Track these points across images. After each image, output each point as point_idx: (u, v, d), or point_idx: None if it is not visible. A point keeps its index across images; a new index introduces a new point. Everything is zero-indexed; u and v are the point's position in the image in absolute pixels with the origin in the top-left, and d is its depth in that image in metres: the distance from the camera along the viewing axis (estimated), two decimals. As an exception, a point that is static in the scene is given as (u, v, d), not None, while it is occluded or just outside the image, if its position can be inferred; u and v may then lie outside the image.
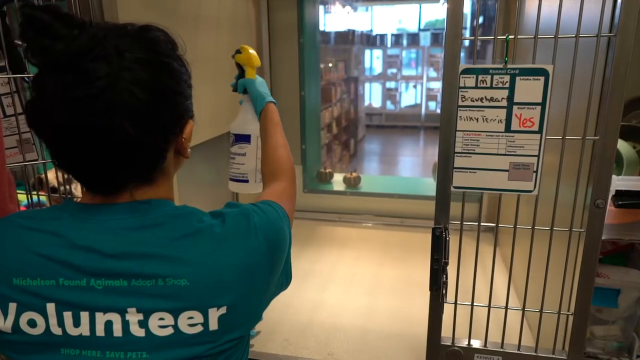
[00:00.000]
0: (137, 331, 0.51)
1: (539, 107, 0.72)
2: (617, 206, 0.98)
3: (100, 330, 0.51)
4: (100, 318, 0.51)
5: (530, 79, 0.71)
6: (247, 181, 1.01)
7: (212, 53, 1.44)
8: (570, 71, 0.72)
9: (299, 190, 1.96)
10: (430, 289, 0.84)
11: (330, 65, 5.58)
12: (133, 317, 0.51)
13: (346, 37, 6.88)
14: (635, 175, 1.10)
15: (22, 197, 0.96)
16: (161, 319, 0.51)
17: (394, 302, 1.30)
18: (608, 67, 0.69)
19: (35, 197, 1.02)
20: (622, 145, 1.04)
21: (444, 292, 0.82)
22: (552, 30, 0.71)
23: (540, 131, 0.73)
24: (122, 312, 0.51)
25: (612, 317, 1.15)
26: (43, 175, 1.02)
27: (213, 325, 0.52)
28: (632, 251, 1.21)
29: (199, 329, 0.52)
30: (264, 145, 0.84)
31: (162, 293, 0.51)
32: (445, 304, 0.85)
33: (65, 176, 0.97)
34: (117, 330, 0.51)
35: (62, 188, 1.06)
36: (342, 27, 6.86)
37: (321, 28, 3.78)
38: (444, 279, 0.81)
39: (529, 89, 0.71)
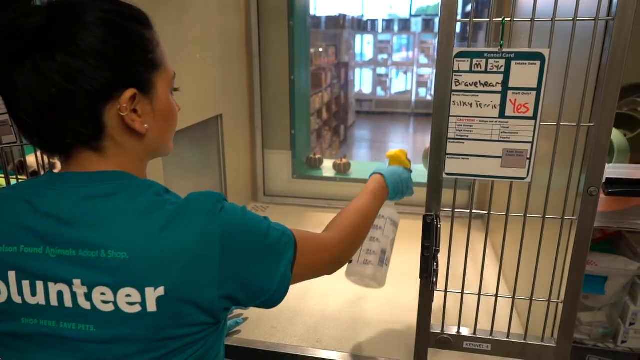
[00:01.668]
0: (84, 304, 0.52)
1: (534, 93, 0.70)
2: (608, 194, 0.98)
3: (53, 300, 0.52)
4: (53, 288, 0.52)
5: (525, 64, 0.69)
6: (369, 263, 0.96)
7: (200, 34, 1.40)
8: (565, 57, 0.70)
9: (288, 176, 1.94)
10: (421, 277, 0.84)
11: (320, 50, 5.53)
12: (79, 289, 0.52)
13: (337, 22, 6.81)
14: (626, 163, 1.10)
15: (2, 182, 0.93)
16: (102, 293, 0.51)
17: (384, 290, 1.29)
18: (605, 52, 0.68)
19: (14, 182, 0.99)
20: (614, 133, 1.04)
21: (434, 280, 0.81)
22: (546, 14, 0.69)
23: (534, 117, 0.71)
24: (69, 283, 0.51)
25: (599, 303, 1.16)
26: (23, 159, 0.99)
27: (151, 306, 0.51)
28: (620, 239, 1.22)
29: (137, 308, 0.51)
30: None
31: (103, 266, 0.51)
32: (435, 292, 0.85)
33: (47, 160, 0.94)
34: (68, 301, 0.52)
35: (42, 172, 1.03)
36: (332, 12, 6.78)
37: (312, 12, 3.72)
38: (435, 267, 0.80)
39: (524, 74, 0.70)
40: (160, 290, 0.51)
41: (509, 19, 0.69)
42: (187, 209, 0.55)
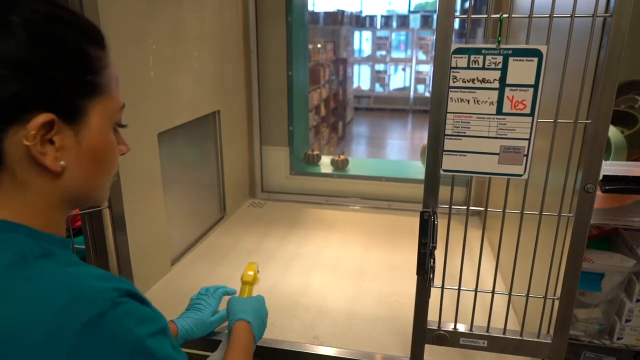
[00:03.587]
0: None
1: (531, 90, 0.70)
2: (604, 191, 0.98)
3: None
4: None
5: (523, 60, 0.69)
6: None
7: (197, 32, 1.40)
8: (562, 54, 0.70)
9: (286, 172, 1.94)
10: (418, 273, 0.84)
11: (319, 46, 5.52)
12: None
13: (335, 18, 6.79)
14: (623, 160, 1.10)
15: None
16: None
17: (381, 286, 1.30)
18: (603, 49, 0.68)
19: None
20: (611, 130, 1.04)
21: (431, 276, 0.82)
22: (543, 11, 0.69)
23: (532, 114, 0.71)
24: None
25: (595, 300, 1.17)
26: None
27: None
28: (616, 235, 1.22)
29: None
30: None
31: None
32: (431, 288, 0.85)
33: None
34: None
35: None
36: (331, 7, 6.76)
37: (310, 8, 3.71)
38: (432, 264, 0.81)
39: (521, 71, 0.70)
40: None
41: (506, 16, 0.69)
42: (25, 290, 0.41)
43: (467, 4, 0.74)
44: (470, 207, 0.81)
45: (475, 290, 0.85)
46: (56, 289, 0.42)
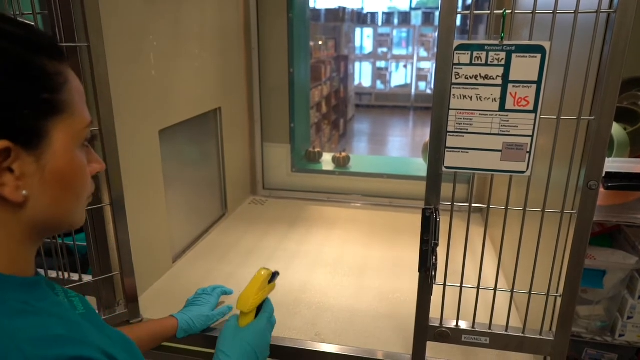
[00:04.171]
0: None
1: (534, 86, 0.70)
2: (607, 188, 0.98)
3: None
4: None
5: (526, 57, 0.69)
6: None
7: (198, 28, 1.39)
8: (566, 50, 0.70)
9: (288, 169, 1.93)
10: (420, 271, 0.83)
11: (320, 43, 5.50)
12: None
13: (337, 15, 6.77)
14: (626, 157, 1.09)
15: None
16: None
17: (382, 283, 1.30)
18: (606, 45, 0.67)
19: None
20: (614, 127, 1.04)
21: (433, 273, 0.81)
22: (547, 7, 0.68)
23: (535, 111, 0.71)
24: None
25: (597, 297, 1.17)
26: None
27: None
28: (619, 232, 1.22)
29: None
30: None
31: None
32: (433, 285, 0.85)
33: None
34: None
35: None
36: (332, 4, 6.74)
37: (311, 5, 3.70)
38: (434, 261, 0.80)
39: (524, 67, 0.69)
40: None
41: (510, 11, 0.68)
42: None
43: (469, 0, 0.73)
44: (473, 204, 0.80)
45: (478, 288, 0.85)
46: None
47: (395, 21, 8.32)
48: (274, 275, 0.90)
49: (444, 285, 0.86)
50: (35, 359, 0.37)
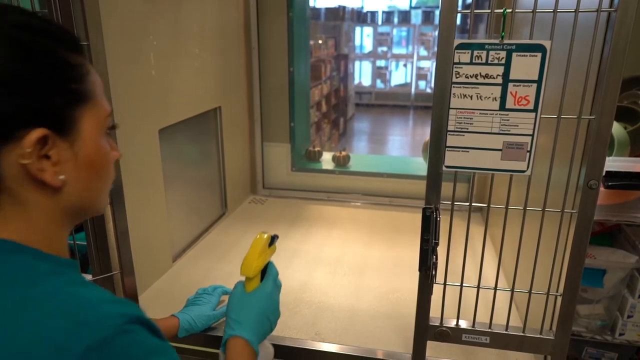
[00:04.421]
0: None
1: (534, 85, 0.70)
2: (607, 187, 0.98)
3: None
4: None
5: (526, 55, 0.68)
6: None
7: (197, 27, 1.39)
8: (566, 49, 0.69)
9: (288, 168, 1.93)
10: (420, 270, 0.83)
11: (320, 42, 5.50)
12: None
13: (336, 14, 6.76)
14: (626, 156, 1.09)
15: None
16: None
17: (383, 282, 1.30)
18: (607, 45, 0.67)
19: None
20: (614, 126, 1.03)
21: (433, 272, 0.81)
22: (547, 5, 0.68)
23: (535, 110, 0.71)
24: None
25: (597, 296, 1.17)
26: None
27: None
28: (619, 232, 1.22)
29: None
30: None
31: None
32: (434, 285, 0.85)
33: None
34: None
35: None
36: (332, 3, 6.73)
37: (311, 3, 3.69)
38: (434, 260, 0.80)
39: (525, 66, 0.69)
40: None
41: (510, 10, 0.68)
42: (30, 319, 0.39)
43: (469, -1, 0.73)
44: (473, 204, 0.80)
45: (478, 287, 0.85)
46: (63, 310, 0.41)
47: (395, 20, 8.31)
48: (273, 238, 0.88)
49: (444, 284, 0.86)
50: (112, 317, 0.42)
